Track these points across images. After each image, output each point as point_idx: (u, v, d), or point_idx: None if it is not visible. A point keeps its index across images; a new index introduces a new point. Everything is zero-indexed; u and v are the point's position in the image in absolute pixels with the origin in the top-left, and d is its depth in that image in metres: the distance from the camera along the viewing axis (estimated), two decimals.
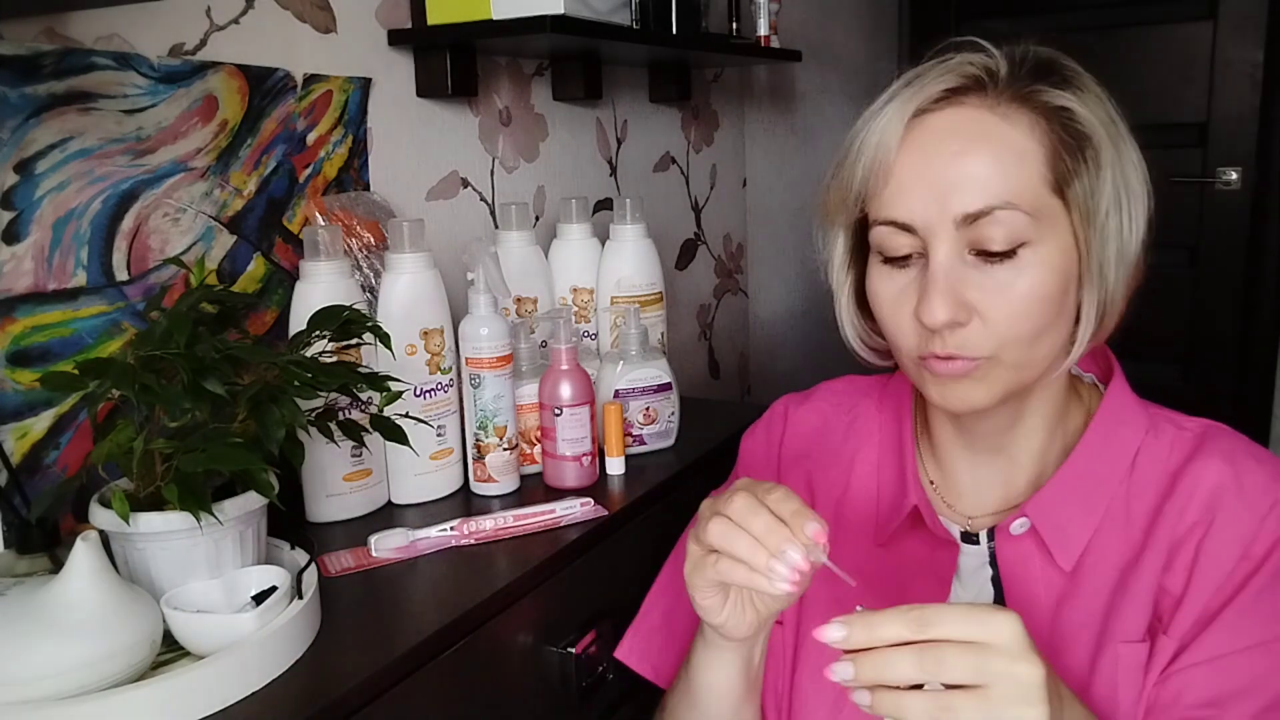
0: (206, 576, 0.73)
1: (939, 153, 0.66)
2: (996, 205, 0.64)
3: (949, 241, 0.66)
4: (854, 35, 2.38)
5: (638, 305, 1.21)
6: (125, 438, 0.71)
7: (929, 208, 0.66)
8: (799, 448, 0.87)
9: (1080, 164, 0.66)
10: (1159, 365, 2.42)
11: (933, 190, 0.66)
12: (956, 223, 0.65)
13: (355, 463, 0.99)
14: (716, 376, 2.16)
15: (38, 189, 0.85)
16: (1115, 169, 0.67)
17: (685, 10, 1.48)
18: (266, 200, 1.07)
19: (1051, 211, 0.66)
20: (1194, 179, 2.37)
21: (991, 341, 0.66)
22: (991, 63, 0.68)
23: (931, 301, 0.65)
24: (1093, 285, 0.68)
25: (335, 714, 0.67)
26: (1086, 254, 0.68)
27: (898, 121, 0.67)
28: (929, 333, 0.67)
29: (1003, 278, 0.66)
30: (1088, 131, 0.67)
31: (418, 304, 1.01)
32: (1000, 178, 0.65)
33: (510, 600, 0.85)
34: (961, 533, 0.77)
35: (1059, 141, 0.66)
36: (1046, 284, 0.66)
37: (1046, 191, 0.66)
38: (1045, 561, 0.72)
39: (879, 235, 0.69)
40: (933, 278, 0.66)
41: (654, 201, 1.86)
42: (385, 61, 1.23)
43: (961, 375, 0.67)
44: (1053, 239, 0.66)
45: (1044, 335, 0.67)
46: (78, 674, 0.62)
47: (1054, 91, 0.67)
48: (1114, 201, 0.67)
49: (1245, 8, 2.28)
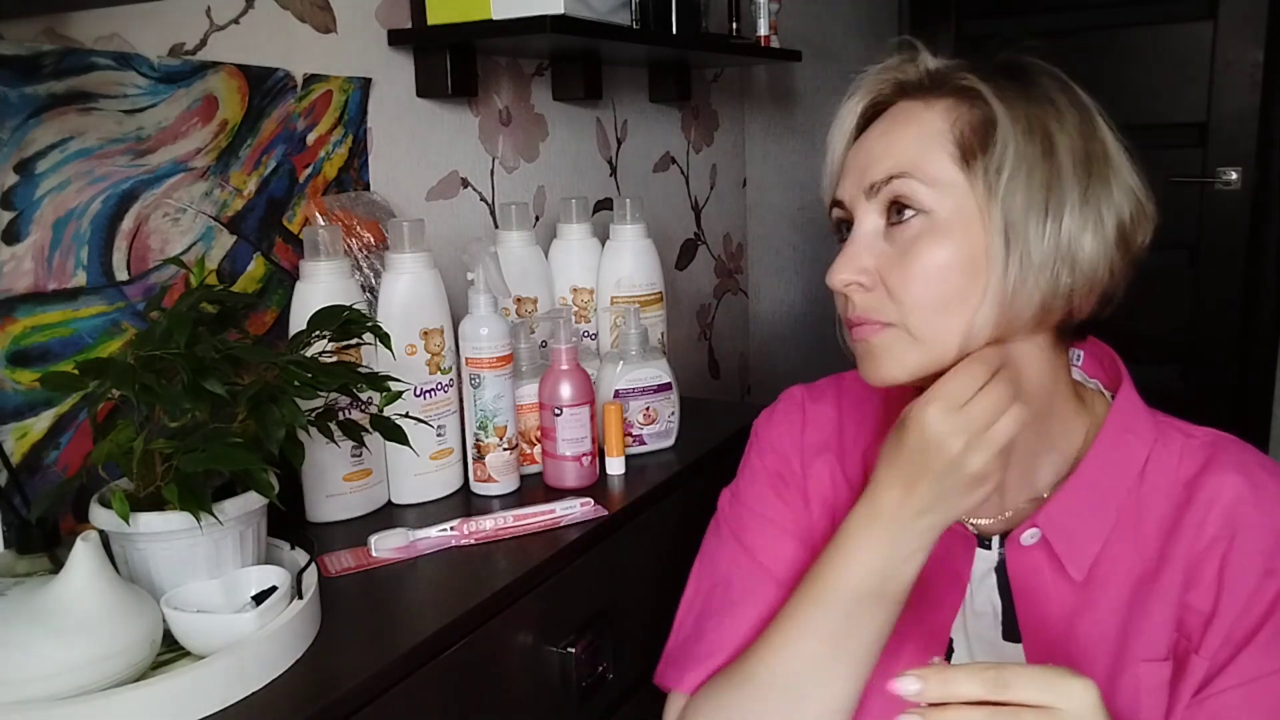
0: (206, 576, 0.73)
1: (870, 140, 0.73)
2: (894, 173, 0.69)
3: (863, 212, 0.71)
4: (854, 35, 2.38)
5: (638, 305, 1.21)
6: (125, 438, 0.71)
7: (853, 186, 0.72)
8: (820, 440, 0.85)
9: (986, 141, 0.68)
10: (1159, 365, 2.42)
11: (857, 171, 0.72)
12: (866, 193, 0.71)
13: (355, 463, 0.99)
14: (716, 376, 2.16)
15: (38, 189, 0.85)
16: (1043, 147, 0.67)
17: (685, 10, 1.48)
18: (266, 200, 1.07)
19: (957, 187, 0.68)
20: (1194, 179, 2.37)
21: (894, 306, 0.69)
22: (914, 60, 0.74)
23: (835, 264, 0.71)
24: (997, 265, 0.67)
25: (335, 714, 0.68)
26: (994, 229, 0.67)
27: (849, 120, 0.77)
28: (844, 299, 0.72)
29: (901, 245, 0.69)
30: (991, 111, 0.69)
31: (418, 304, 1.01)
32: (903, 151, 0.70)
33: (510, 600, 0.85)
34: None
35: (965, 121, 0.69)
36: (945, 253, 0.67)
37: (953, 167, 0.68)
38: (1056, 572, 0.71)
39: (833, 216, 0.76)
40: (846, 244, 0.72)
41: (654, 201, 1.86)
42: (385, 61, 1.23)
43: (872, 339, 0.70)
44: (955, 212, 0.68)
45: (951, 307, 0.67)
46: (78, 674, 0.62)
47: (973, 78, 0.70)
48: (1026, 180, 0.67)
49: (1245, 8, 2.28)
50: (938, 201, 0.68)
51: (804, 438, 0.86)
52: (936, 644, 0.74)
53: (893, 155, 0.70)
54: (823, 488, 0.83)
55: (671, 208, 1.94)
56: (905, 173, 0.69)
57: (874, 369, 0.71)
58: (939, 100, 0.71)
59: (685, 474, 1.13)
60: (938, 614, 0.74)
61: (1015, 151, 0.68)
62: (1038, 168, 0.68)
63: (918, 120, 0.71)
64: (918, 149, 0.70)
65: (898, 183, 0.69)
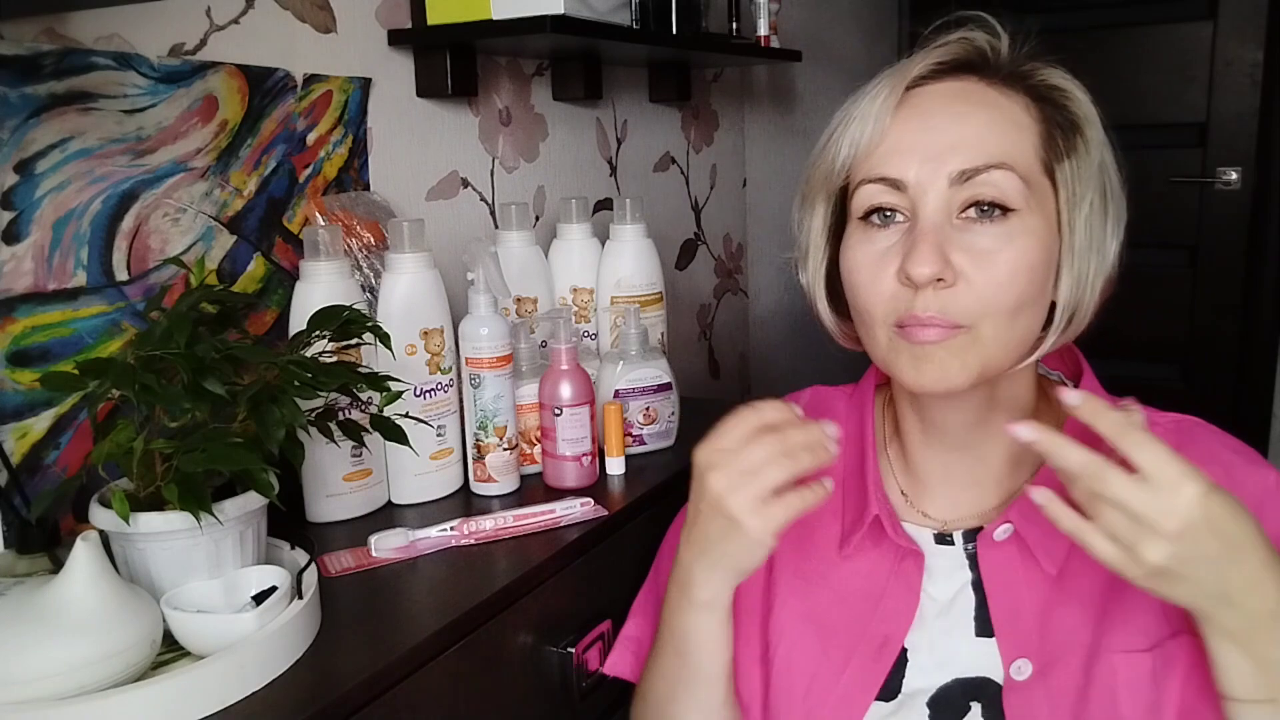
0: (206, 576, 0.73)
1: (937, 114, 0.67)
2: (992, 164, 0.64)
3: (939, 199, 0.65)
4: (854, 35, 2.38)
5: (638, 305, 1.21)
6: (125, 438, 0.71)
7: (923, 165, 0.65)
8: None
9: (1072, 146, 0.67)
10: (1159, 365, 2.43)
11: (929, 149, 0.66)
12: (950, 179, 0.65)
13: (355, 463, 0.99)
14: (716, 376, 2.16)
15: (38, 189, 0.85)
16: (1102, 160, 0.68)
17: (685, 10, 1.48)
18: (266, 200, 1.07)
19: (1041, 188, 0.66)
20: (1194, 179, 2.37)
21: (974, 308, 0.65)
22: (994, 40, 0.68)
23: (920, 253, 0.64)
24: (1071, 272, 0.68)
25: (335, 714, 0.67)
26: (1070, 238, 0.68)
27: (892, 91, 0.68)
28: (910, 294, 0.65)
29: (990, 242, 0.65)
30: (1081, 114, 0.67)
31: (418, 304, 1.01)
32: (997, 139, 0.65)
33: (510, 600, 0.85)
34: (935, 534, 0.76)
35: (1053, 121, 0.67)
36: (1031, 254, 0.66)
37: (1039, 167, 0.66)
38: (1030, 566, 0.71)
39: (865, 194, 0.68)
40: (921, 232, 0.65)
41: (654, 201, 1.86)
42: (385, 61, 1.23)
43: (938, 343, 0.66)
44: (1040, 215, 0.66)
45: (1023, 311, 0.67)
46: (78, 674, 0.62)
47: (1051, 71, 0.67)
48: (1099, 191, 0.68)
49: (1245, 8, 2.28)
50: (1027, 201, 0.65)
51: None
52: (887, 654, 0.73)
53: (987, 142, 0.65)
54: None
55: (671, 208, 1.94)
56: (1006, 164, 0.64)
57: (935, 374, 0.67)
58: (1017, 92, 0.67)
59: (685, 474, 1.12)
60: (888, 626, 0.74)
61: (1099, 161, 0.67)
62: (1103, 177, 0.68)
63: (998, 107, 0.66)
64: (1012, 140, 0.65)
65: (998, 174, 0.64)
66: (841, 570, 0.77)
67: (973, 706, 0.70)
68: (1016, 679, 0.69)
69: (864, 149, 0.68)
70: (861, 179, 0.68)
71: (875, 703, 0.73)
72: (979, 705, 0.70)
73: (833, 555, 0.78)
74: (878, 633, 0.74)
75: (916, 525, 0.77)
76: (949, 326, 0.65)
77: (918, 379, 0.67)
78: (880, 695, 0.73)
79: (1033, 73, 0.68)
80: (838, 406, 0.86)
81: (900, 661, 0.73)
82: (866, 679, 0.73)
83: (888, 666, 0.73)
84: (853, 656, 0.74)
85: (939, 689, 0.72)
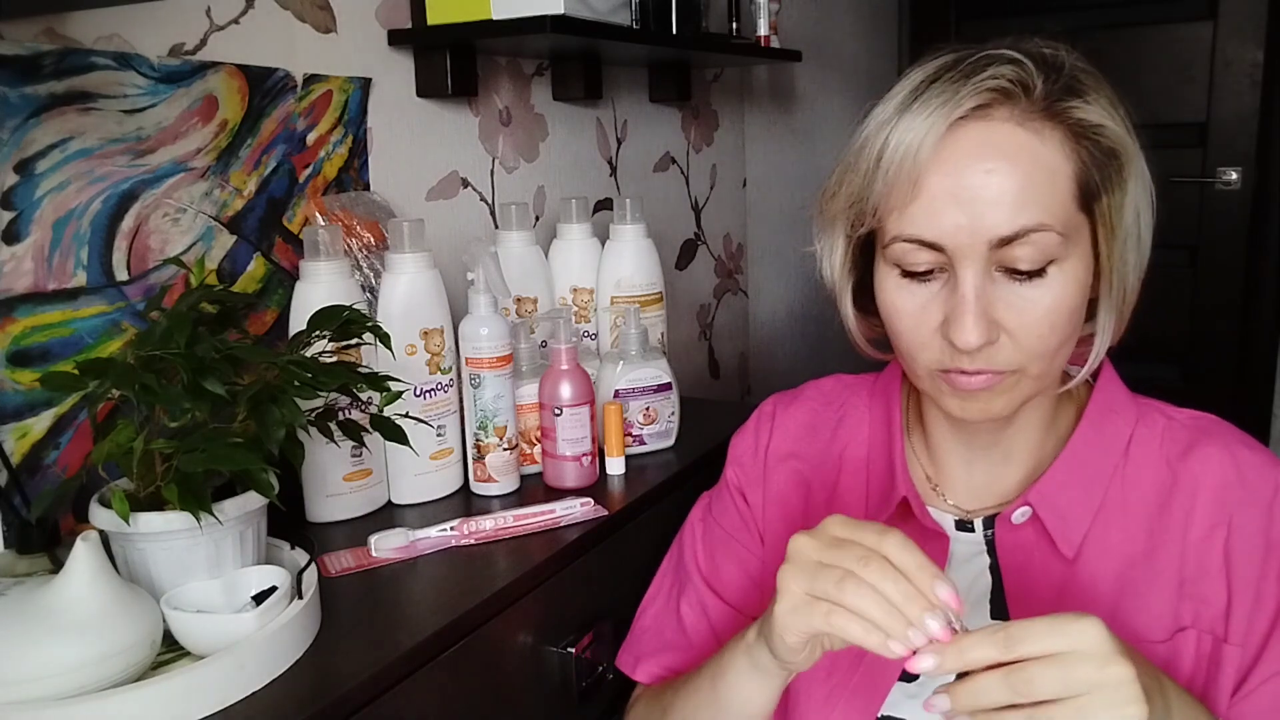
0: (206, 576, 0.73)
1: (971, 170, 0.63)
2: (1030, 228, 0.63)
3: (980, 262, 0.64)
4: (854, 35, 2.38)
5: (638, 305, 1.21)
6: (125, 438, 0.71)
7: (960, 229, 0.64)
8: (787, 448, 0.87)
9: (1108, 180, 0.66)
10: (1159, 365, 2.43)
11: (965, 211, 0.63)
12: (990, 245, 0.64)
13: (355, 463, 0.99)
14: (716, 376, 2.16)
15: (38, 189, 0.85)
16: (1138, 182, 0.68)
17: (685, 10, 1.48)
18: (266, 200, 1.07)
19: (1078, 226, 0.66)
20: (1194, 179, 2.37)
21: (1019, 357, 0.66)
22: (1025, 75, 0.65)
23: (965, 324, 0.64)
24: (1111, 296, 0.69)
25: (335, 714, 0.67)
26: (1109, 266, 0.68)
27: (928, 134, 0.64)
28: (955, 351, 0.66)
29: (1032, 295, 0.65)
30: (1117, 148, 0.66)
31: (418, 304, 1.01)
32: (1033, 199, 0.63)
33: (510, 600, 0.85)
34: (956, 521, 0.77)
35: (1089, 157, 0.65)
36: (1071, 297, 0.66)
37: (1075, 208, 0.65)
38: (1047, 550, 0.73)
39: (900, 251, 0.67)
40: (964, 299, 0.64)
41: (654, 201, 1.86)
42: (385, 61, 1.23)
43: (984, 388, 0.67)
44: (1078, 253, 0.66)
45: (1065, 346, 0.69)
46: (78, 674, 0.62)
47: (1085, 106, 0.65)
48: (1135, 214, 0.68)
49: (1245, 8, 2.28)
50: (1065, 248, 0.65)
51: (769, 448, 0.88)
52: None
53: (1023, 204, 0.63)
54: (783, 492, 0.85)
55: (671, 208, 1.94)
56: (1043, 225, 0.63)
57: (979, 409, 0.69)
58: (1052, 130, 0.64)
59: (685, 474, 1.13)
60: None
61: (1134, 192, 0.67)
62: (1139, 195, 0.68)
63: (1031, 156, 0.64)
64: (1049, 194, 0.64)
65: (1037, 237, 0.63)
66: None
67: None
68: None
69: (898, 198, 0.66)
70: (897, 234, 0.66)
71: (898, 683, 0.74)
72: None
73: None
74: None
75: (940, 510, 0.78)
76: (996, 373, 0.67)
77: (963, 413, 0.70)
78: (902, 677, 0.74)
79: (1068, 111, 0.65)
80: (860, 394, 0.86)
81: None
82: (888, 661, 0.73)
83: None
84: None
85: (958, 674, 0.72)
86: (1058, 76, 0.65)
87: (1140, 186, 0.68)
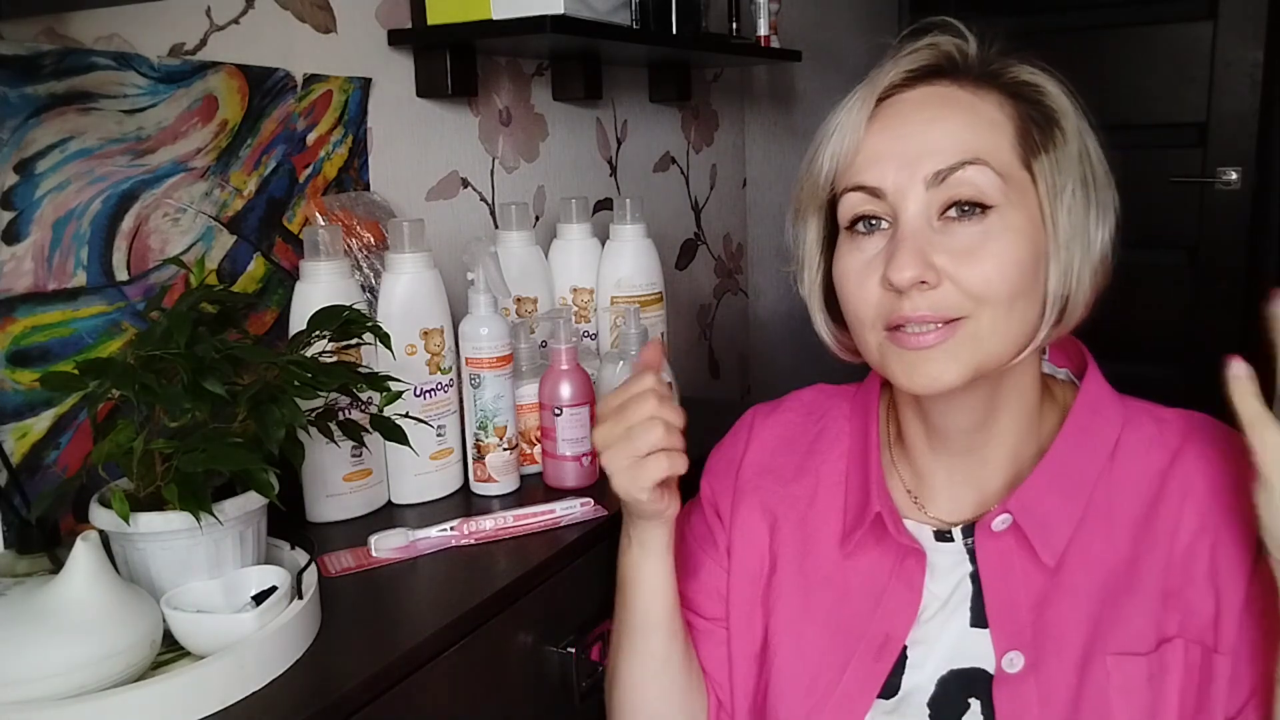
0: (206, 576, 0.73)
1: (909, 122, 0.68)
2: (966, 160, 0.65)
3: (918, 203, 0.66)
4: (854, 35, 2.38)
5: (638, 305, 1.21)
6: (125, 438, 0.71)
7: (899, 172, 0.66)
8: (762, 461, 0.85)
9: (1048, 139, 0.67)
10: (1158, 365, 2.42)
11: (903, 156, 0.67)
12: (926, 182, 0.66)
13: (355, 463, 0.99)
14: (716, 376, 2.16)
15: (38, 189, 0.85)
16: (1081, 148, 0.69)
17: (685, 10, 1.48)
18: (266, 200, 1.07)
19: (1021, 183, 0.67)
20: (1194, 179, 2.37)
21: (965, 302, 0.65)
22: (961, 43, 0.69)
23: (899, 258, 0.65)
24: (1058, 264, 0.68)
25: (335, 714, 0.67)
26: (1054, 231, 0.68)
27: (864, 102, 0.69)
28: (896, 298, 0.66)
29: (971, 240, 0.66)
30: (1055, 107, 0.68)
31: (418, 304, 1.01)
32: (970, 138, 0.66)
33: (510, 600, 0.85)
34: (935, 531, 0.76)
35: (1028, 116, 0.67)
36: (1018, 249, 0.66)
37: (1016, 162, 0.67)
38: (1027, 558, 0.71)
39: (848, 203, 0.69)
40: (900, 237, 0.66)
41: (654, 201, 1.86)
42: (385, 61, 1.23)
43: (931, 346, 0.66)
44: (1022, 209, 0.67)
45: (1017, 303, 0.67)
46: (78, 674, 0.62)
47: (1022, 68, 0.68)
48: (1079, 181, 0.68)
49: (1245, 8, 2.28)
50: (1006, 196, 0.66)
51: (743, 462, 0.87)
52: (888, 653, 0.74)
53: (960, 142, 0.66)
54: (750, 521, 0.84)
55: (671, 208, 1.94)
56: (980, 160, 0.65)
57: (928, 375, 0.67)
58: (989, 91, 0.68)
59: (685, 474, 1.13)
60: (889, 624, 0.74)
61: (1078, 151, 0.68)
62: (1084, 167, 0.68)
63: (970, 108, 0.67)
64: (986, 138, 0.66)
65: (972, 170, 0.65)
66: (843, 569, 0.77)
67: (972, 704, 0.70)
68: (1008, 671, 0.69)
69: (844, 160, 0.69)
70: (844, 188, 0.70)
71: (877, 700, 0.73)
72: (978, 703, 0.70)
73: (834, 554, 0.78)
74: (879, 631, 0.74)
75: (917, 523, 0.77)
76: (945, 321, 0.66)
77: (910, 381, 0.68)
78: (881, 693, 0.73)
79: (1003, 71, 0.69)
80: (841, 406, 0.86)
81: (901, 659, 0.74)
82: (868, 678, 0.73)
83: (889, 665, 0.73)
84: (854, 655, 0.74)
85: (938, 686, 0.72)
86: (993, 45, 0.70)
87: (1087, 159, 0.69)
